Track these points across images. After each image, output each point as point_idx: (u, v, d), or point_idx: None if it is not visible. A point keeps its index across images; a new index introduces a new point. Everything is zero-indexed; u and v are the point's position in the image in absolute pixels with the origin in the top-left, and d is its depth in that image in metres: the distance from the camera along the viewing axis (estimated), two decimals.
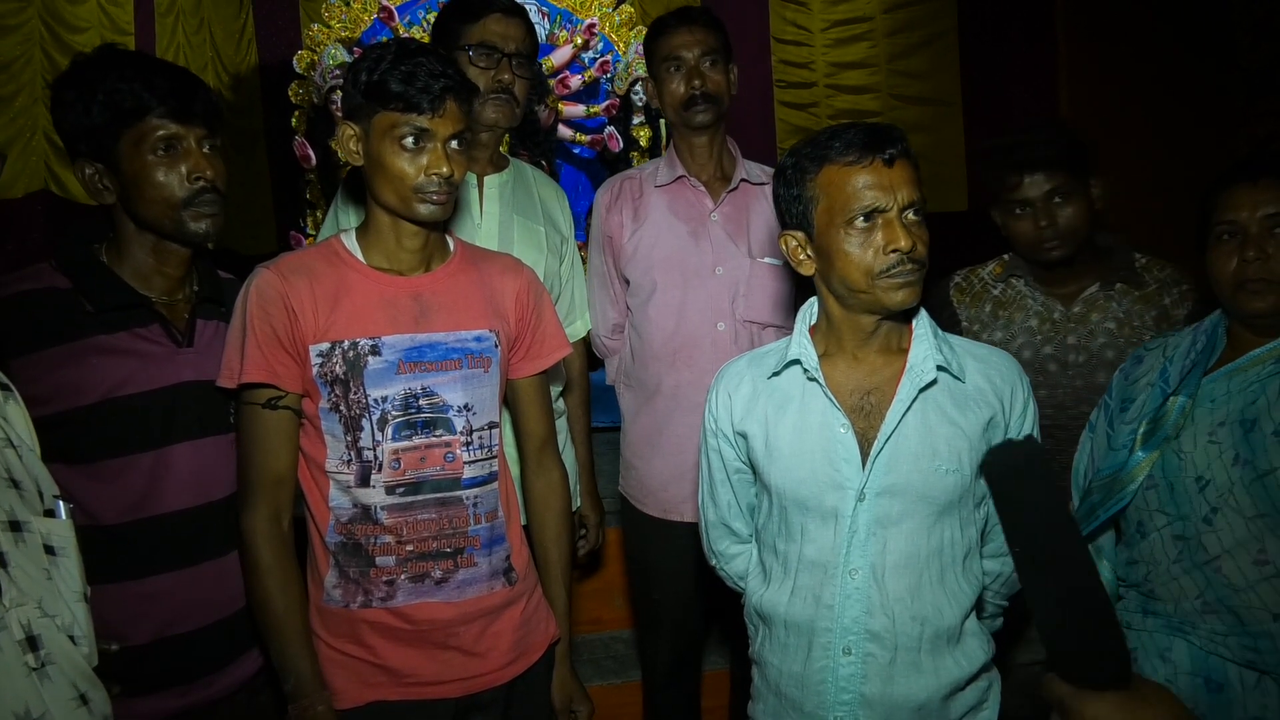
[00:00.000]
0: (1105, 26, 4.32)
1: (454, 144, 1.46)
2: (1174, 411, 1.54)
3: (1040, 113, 4.60)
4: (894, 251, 1.28)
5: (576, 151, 5.26)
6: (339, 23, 4.86)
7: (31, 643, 0.94)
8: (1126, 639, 1.44)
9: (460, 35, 1.92)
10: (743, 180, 2.15)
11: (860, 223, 1.29)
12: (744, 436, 1.45)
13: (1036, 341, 1.95)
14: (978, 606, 1.42)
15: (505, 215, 2.02)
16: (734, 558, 1.56)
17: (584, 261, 4.72)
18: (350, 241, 1.52)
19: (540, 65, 5.01)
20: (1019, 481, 1.27)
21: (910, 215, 1.30)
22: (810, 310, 1.46)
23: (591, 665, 2.79)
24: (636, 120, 4.99)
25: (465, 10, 1.95)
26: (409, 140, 1.42)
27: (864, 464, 1.34)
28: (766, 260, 2.09)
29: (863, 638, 1.33)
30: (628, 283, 2.18)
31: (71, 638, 1.00)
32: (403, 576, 1.46)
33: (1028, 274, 2.02)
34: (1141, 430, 1.57)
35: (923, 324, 1.40)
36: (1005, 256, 2.08)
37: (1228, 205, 1.50)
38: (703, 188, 2.14)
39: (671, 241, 2.11)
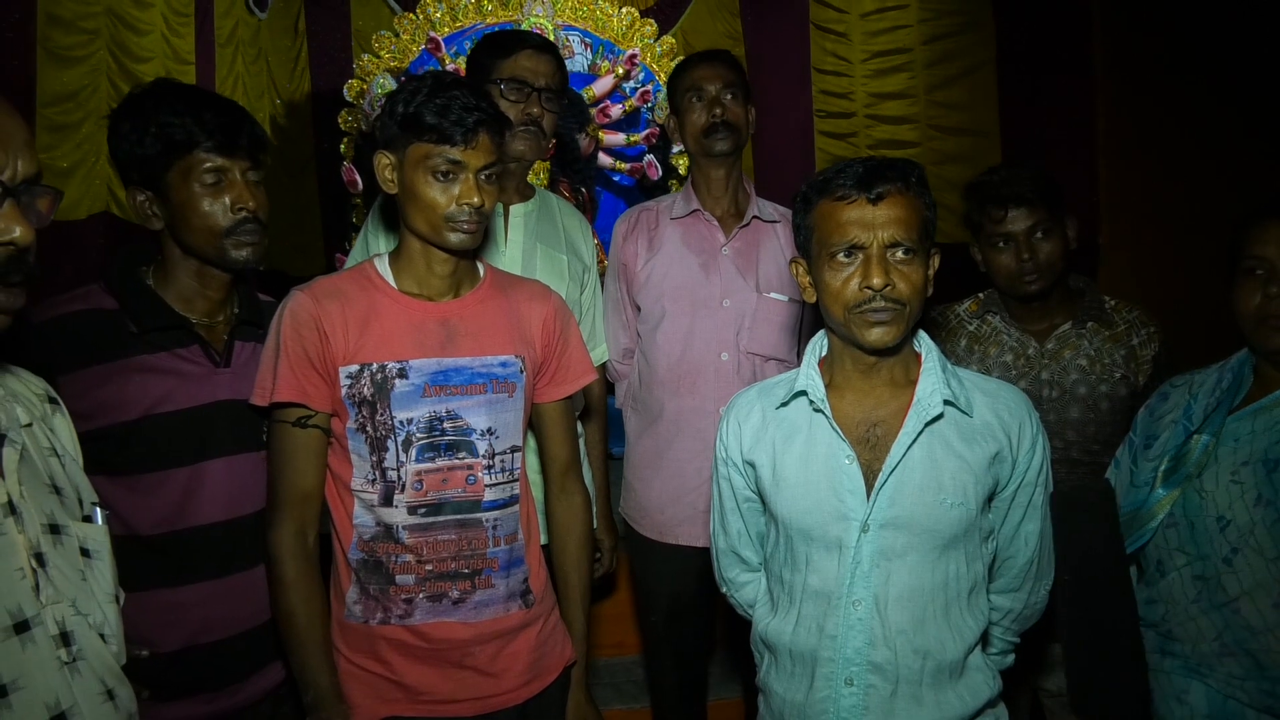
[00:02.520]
0: (1143, 58, 4.29)
1: (485, 175, 1.50)
2: (1197, 449, 1.53)
3: (1079, 144, 4.57)
4: (866, 288, 1.31)
5: (616, 179, 5.33)
6: (388, 53, 5.00)
7: (64, 639, 0.99)
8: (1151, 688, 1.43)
9: (492, 69, 2.00)
10: (754, 217, 2.22)
11: (842, 257, 1.33)
12: (752, 466, 1.46)
13: (1011, 376, 2.00)
14: (984, 641, 1.41)
15: (529, 243, 2.07)
16: (744, 585, 1.57)
17: None
18: (383, 266, 1.57)
19: (580, 96, 5.11)
20: (1082, 516, 1.28)
21: (899, 254, 1.32)
22: (820, 342, 1.48)
23: (612, 689, 2.80)
24: (676, 149, 5.04)
25: (498, 46, 2.03)
26: (441, 171, 1.47)
27: (869, 495, 1.35)
28: (773, 295, 2.16)
29: (865, 669, 1.34)
30: (639, 309, 2.25)
31: (102, 636, 1.05)
32: (421, 595, 1.50)
33: (1003, 311, 2.09)
34: (1163, 468, 1.56)
35: (931, 357, 1.41)
36: (981, 295, 2.16)
37: (1256, 240, 1.49)
38: (716, 222, 2.21)
39: (682, 272, 2.18)
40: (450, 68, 4.78)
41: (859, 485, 1.35)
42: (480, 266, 1.65)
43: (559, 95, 2.05)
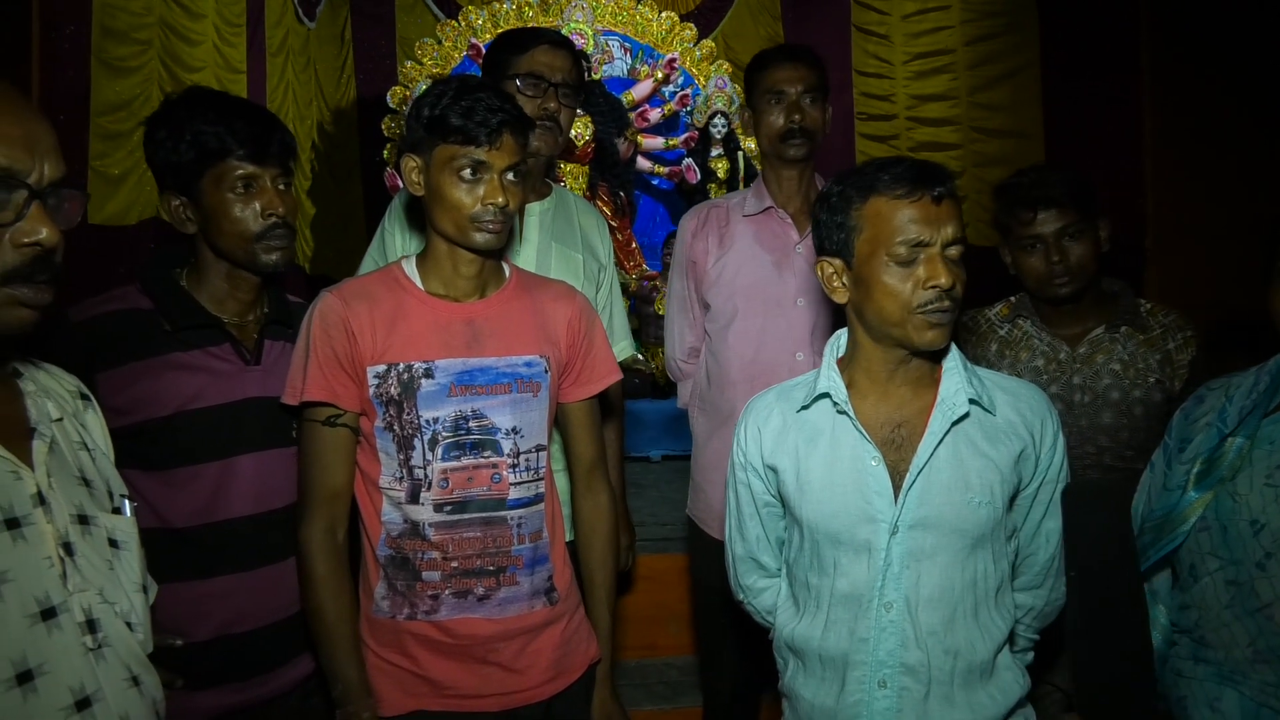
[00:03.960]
0: (1192, 59, 4.18)
1: (510, 175, 1.52)
2: (1231, 452, 1.49)
3: (1125, 146, 4.47)
4: (933, 287, 1.29)
5: (655, 183, 5.35)
6: (431, 60, 5.09)
7: (90, 625, 1.02)
8: (1164, 688, 1.40)
9: (509, 66, 2.00)
10: None
11: (903, 255, 1.30)
12: (774, 470, 1.45)
13: (1042, 381, 1.96)
14: (1010, 639, 1.40)
15: (544, 242, 2.07)
16: (762, 592, 1.56)
17: (658, 290, 4.75)
18: (410, 268, 1.60)
19: (620, 100, 5.15)
20: (1091, 511, 1.26)
21: (954, 252, 1.31)
22: (839, 342, 1.46)
23: (644, 690, 2.80)
24: (714, 153, 5.06)
25: (514, 42, 2.04)
26: (466, 171, 1.49)
27: (896, 497, 1.34)
28: None
29: (898, 671, 1.33)
30: (707, 308, 2.22)
31: (129, 624, 1.08)
32: (447, 592, 1.52)
33: (1034, 315, 2.05)
34: (1196, 470, 1.53)
35: (953, 357, 1.39)
36: (1012, 299, 2.12)
37: None
38: (789, 220, 2.18)
39: (755, 270, 2.15)
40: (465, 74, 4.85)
41: (886, 487, 1.34)
42: (505, 267, 1.67)
43: (576, 91, 2.06)
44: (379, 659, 1.53)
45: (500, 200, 1.49)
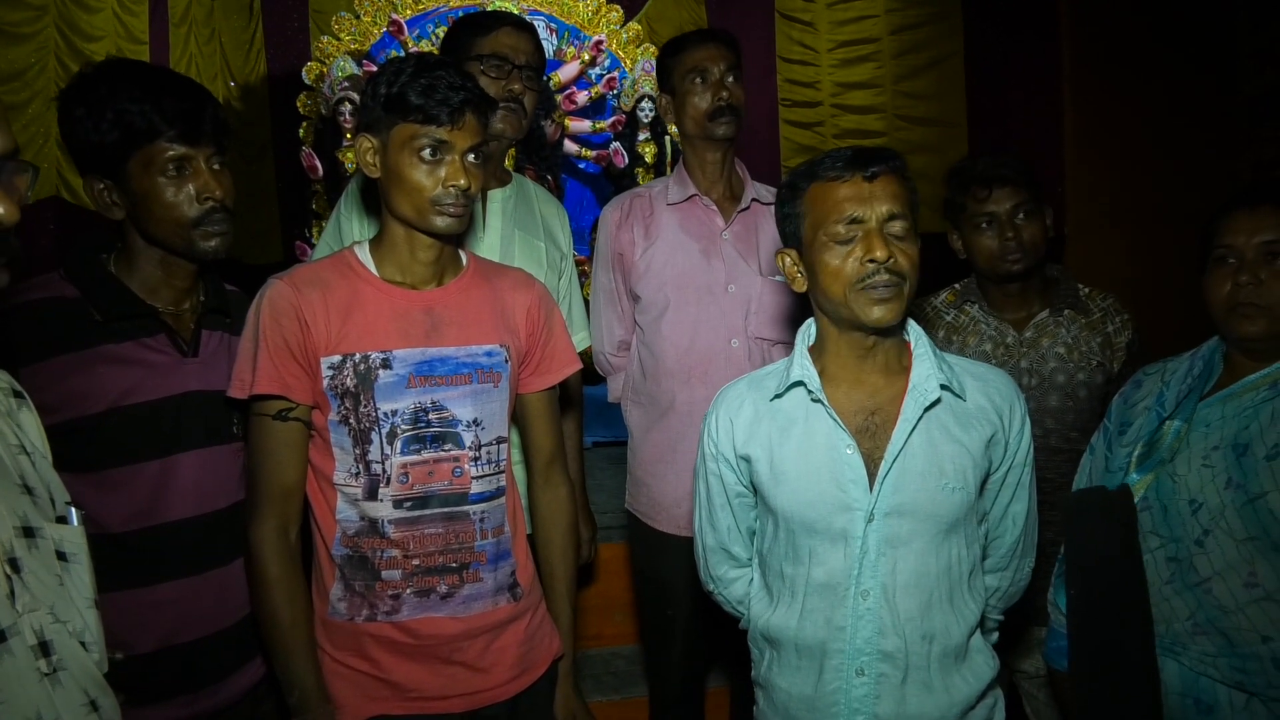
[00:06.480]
0: (1110, 51, 4.36)
1: (472, 157, 1.47)
2: (1169, 435, 1.56)
3: (1046, 135, 4.63)
4: (870, 261, 1.30)
5: (582, 167, 5.29)
6: (348, 35, 4.90)
7: (44, 648, 0.94)
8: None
9: (471, 47, 1.95)
10: (753, 200, 2.17)
11: (840, 233, 1.33)
12: (747, 460, 1.45)
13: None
14: (980, 622, 1.43)
15: (507, 230, 2.03)
16: (733, 582, 1.56)
17: (585, 275, 4.72)
18: (364, 254, 1.53)
19: (548, 81, 5.06)
20: (1095, 521, 1.26)
21: (896, 227, 1.33)
22: (808, 331, 1.47)
23: (592, 680, 2.78)
24: (642, 136, 5.03)
25: (477, 23, 1.99)
26: (427, 152, 1.43)
27: (871, 485, 1.35)
28: (777, 278, 2.11)
29: (875, 658, 1.34)
30: (637, 300, 2.19)
31: (83, 644, 0.99)
32: (408, 591, 1.47)
33: (981, 300, 2.11)
34: (1137, 453, 1.59)
35: (922, 344, 1.41)
36: (957, 285, 2.17)
37: (1227, 230, 1.53)
38: (714, 206, 2.16)
39: (684, 259, 2.13)
40: (412, 51, 4.69)
41: (861, 475, 1.35)
42: (462, 254, 1.62)
43: (538, 74, 2.02)
44: (336, 664, 1.48)
45: (462, 182, 1.44)
